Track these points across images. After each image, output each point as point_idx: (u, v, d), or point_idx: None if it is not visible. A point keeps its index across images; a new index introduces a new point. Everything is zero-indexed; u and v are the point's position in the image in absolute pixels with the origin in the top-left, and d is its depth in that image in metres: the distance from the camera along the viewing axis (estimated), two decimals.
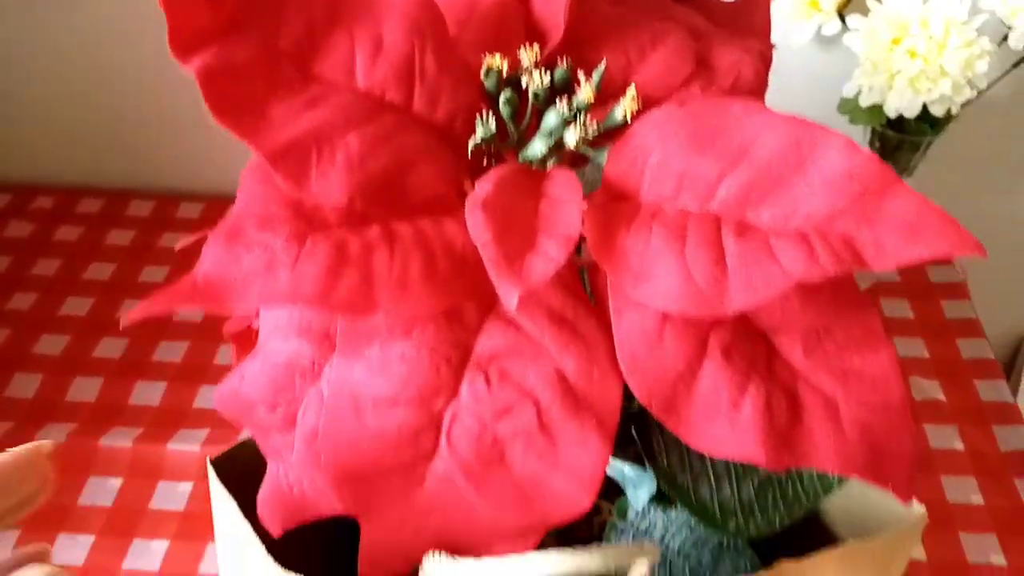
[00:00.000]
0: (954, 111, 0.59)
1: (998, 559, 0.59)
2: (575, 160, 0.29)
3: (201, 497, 0.63)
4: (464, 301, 0.25)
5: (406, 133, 0.27)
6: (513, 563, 0.24)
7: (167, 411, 0.68)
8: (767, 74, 0.33)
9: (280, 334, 0.28)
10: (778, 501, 0.32)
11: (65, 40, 0.80)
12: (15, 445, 0.63)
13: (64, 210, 0.85)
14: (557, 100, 0.30)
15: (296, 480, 0.29)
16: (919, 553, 0.60)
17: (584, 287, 0.28)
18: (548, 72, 0.30)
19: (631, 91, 0.29)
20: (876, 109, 0.61)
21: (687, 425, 0.25)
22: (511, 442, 0.25)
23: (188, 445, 0.64)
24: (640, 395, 0.25)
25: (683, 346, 0.25)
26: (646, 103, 0.30)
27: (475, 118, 0.28)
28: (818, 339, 0.26)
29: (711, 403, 0.25)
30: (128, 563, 0.59)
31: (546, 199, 0.26)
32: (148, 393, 0.69)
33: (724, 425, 0.24)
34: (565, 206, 0.25)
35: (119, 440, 0.65)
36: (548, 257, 0.23)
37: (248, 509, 0.33)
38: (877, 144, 0.67)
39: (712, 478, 0.31)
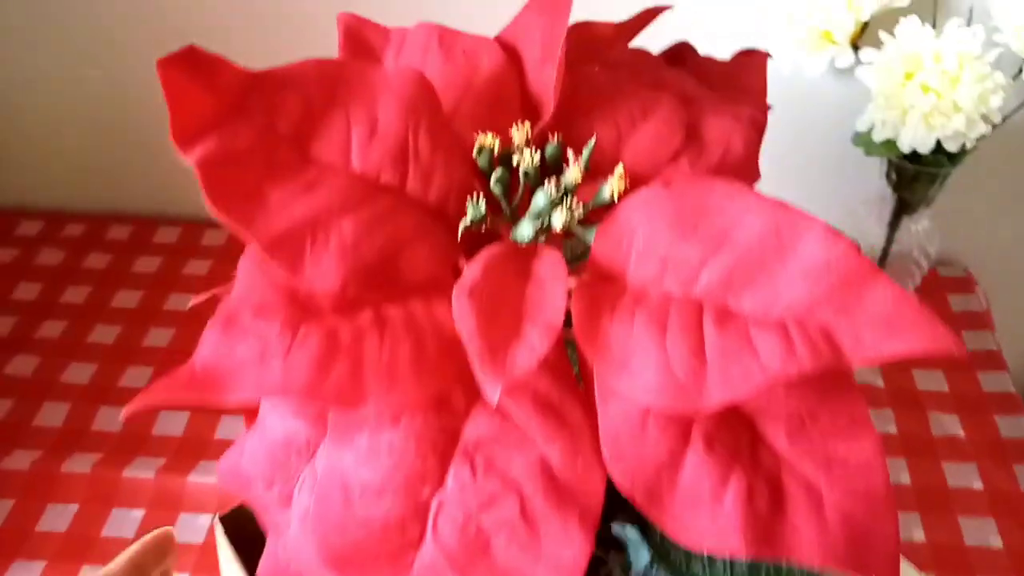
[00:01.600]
0: (968, 147, 0.58)
1: None
2: (566, 232, 0.30)
3: None
4: (452, 387, 0.26)
5: (400, 215, 0.28)
6: None
7: (189, 441, 0.70)
8: (759, 141, 0.33)
9: (278, 412, 0.29)
10: None
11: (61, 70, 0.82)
12: (41, 473, 0.66)
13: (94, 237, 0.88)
14: (546, 180, 0.30)
15: (294, 556, 0.29)
16: None
17: (572, 363, 0.29)
18: (539, 150, 0.31)
19: (619, 170, 0.30)
20: (890, 143, 0.60)
21: (670, 516, 0.25)
22: (495, 533, 0.25)
23: (208, 477, 0.66)
24: (623, 485, 0.25)
25: (666, 436, 0.25)
26: (634, 179, 0.30)
27: (468, 197, 0.29)
28: (803, 425, 0.26)
29: (693, 494, 0.25)
30: None
31: (533, 281, 0.26)
32: (170, 424, 0.71)
33: (706, 517, 0.25)
34: (550, 290, 0.25)
35: (142, 471, 0.66)
36: (531, 348, 0.24)
37: (255, 564, 0.33)
38: (894, 175, 0.66)
39: (705, 555, 0.32)
